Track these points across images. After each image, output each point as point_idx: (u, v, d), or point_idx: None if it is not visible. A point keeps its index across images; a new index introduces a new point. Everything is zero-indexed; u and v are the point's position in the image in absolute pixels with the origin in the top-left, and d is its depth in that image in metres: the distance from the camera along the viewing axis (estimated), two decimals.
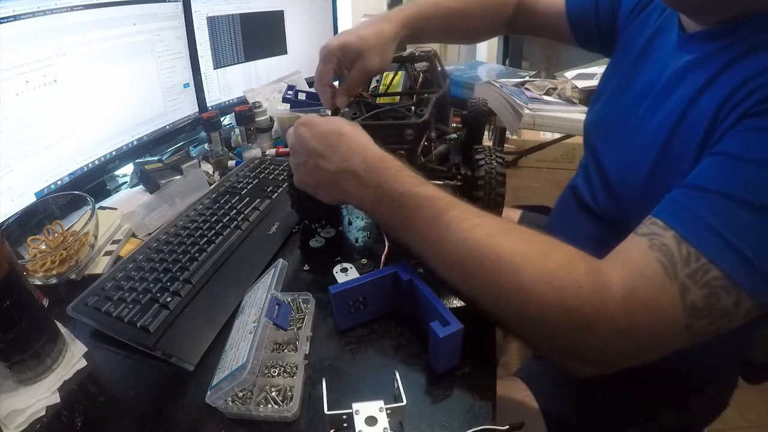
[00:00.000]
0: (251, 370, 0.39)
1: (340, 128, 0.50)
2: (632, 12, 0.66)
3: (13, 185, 0.66)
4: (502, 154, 0.61)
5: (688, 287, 0.36)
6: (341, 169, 0.48)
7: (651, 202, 0.42)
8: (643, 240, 0.39)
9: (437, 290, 0.47)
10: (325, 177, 0.49)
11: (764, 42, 0.42)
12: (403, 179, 0.45)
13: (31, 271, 0.58)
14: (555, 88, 1.33)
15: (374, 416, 0.38)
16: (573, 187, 0.72)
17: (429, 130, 0.62)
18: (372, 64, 0.63)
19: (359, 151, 0.48)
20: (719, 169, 0.39)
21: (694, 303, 0.36)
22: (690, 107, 0.46)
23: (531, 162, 2.72)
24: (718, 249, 0.36)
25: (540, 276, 0.38)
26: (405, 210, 0.45)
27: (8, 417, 0.43)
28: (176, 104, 0.95)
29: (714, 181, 0.38)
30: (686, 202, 0.39)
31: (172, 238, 0.64)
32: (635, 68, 0.60)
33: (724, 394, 0.67)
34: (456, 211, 0.43)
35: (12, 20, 0.63)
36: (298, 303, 0.52)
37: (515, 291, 0.39)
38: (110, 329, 0.50)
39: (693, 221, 0.37)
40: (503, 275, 0.39)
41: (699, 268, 0.36)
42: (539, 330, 0.40)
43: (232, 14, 1.05)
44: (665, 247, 0.37)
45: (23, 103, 0.66)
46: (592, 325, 0.37)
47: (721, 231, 0.36)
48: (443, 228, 0.42)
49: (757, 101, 0.38)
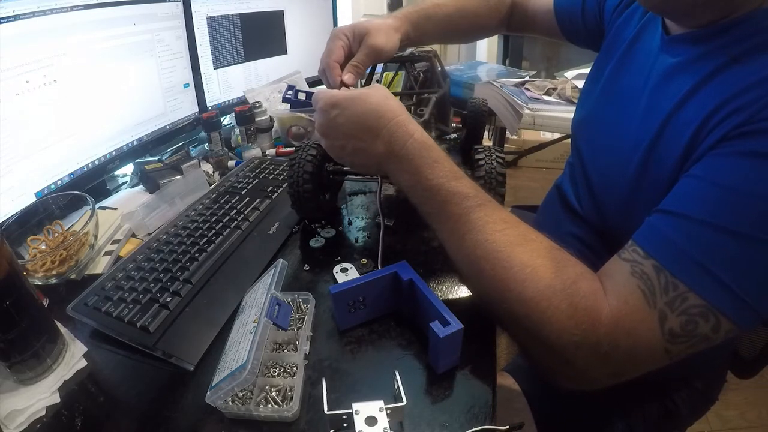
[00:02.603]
0: (251, 370, 0.39)
1: (377, 109, 0.48)
2: (615, 10, 0.66)
3: (13, 185, 0.66)
4: (502, 154, 0.61)
5: (666, 315, 0.37)
6: (382, 153, 0.48)
7: (632, 215, 0.43)
8: (626, 266, 0.40)
9: (437, 290, 0.47)
10: (365, 159, 0.50)
11: (746, 52, 0.41)
12: (438, 171, 0.46)
13: (31, 271, 0.58)
14: (555, 88, 1.33)
15: (374, 416, 0.38)
16: (558, 187, 0.72)
17: (429, 130, 0.62)
18: (378, 42, 0.63)
19: (400, 136, 0.47)
20: (696, 195, 0.39)
21: (672, 330, 0.37)
22: (672, 118, 0.46)
23: (531, 162, 2.72)
24: (697, 277, 0.36)
25: (543, 292, 0.40)
26: (435, 201, 0.46)
27: (8, 417, 0.43)
28: (176, 104, 0.95)
29: (691, 206, 0.39)
30: (664, 228, 0.39)
31: (172, 238, 0.64)
32: (619, 69, 0.60)
33: (711, 389, 0.68)
34: (483, 212, 0.44)
35: (12, 20, 0.63)
36: (298, 303, 0.52)
37: (518, 300, 0.41)
38: (110, 329, 0.50)
39: (670, 249, 0.38)
40: (510, 283, 0.41)
41: (677, 297, 0.37)
42: (531, 339, 0.42)
43: (232, 14, 1.05)
44: (645, 275, 0.38)
45: (23, 103, 0.66)
46: (579, 346, 0.39)
47: (698, 258, 0.37)
48: (467, 227, 0.44)
49: (738, 123, 0.38)
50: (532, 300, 0.40)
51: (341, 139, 0.50)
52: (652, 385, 0.63)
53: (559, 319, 0.39)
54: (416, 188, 0.47)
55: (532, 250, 0.42)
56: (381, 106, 0.49)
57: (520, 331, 0.43)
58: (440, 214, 0.46)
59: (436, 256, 0.63)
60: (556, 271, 0.41)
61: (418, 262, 0.61)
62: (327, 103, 0.50)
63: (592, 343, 0.38)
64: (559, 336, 0.39)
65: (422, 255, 0.63)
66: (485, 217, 0.44)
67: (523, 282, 0.40)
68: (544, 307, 0.39)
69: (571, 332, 0.39)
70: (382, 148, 0.48)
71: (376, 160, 0.49)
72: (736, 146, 0.38)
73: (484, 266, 0.42)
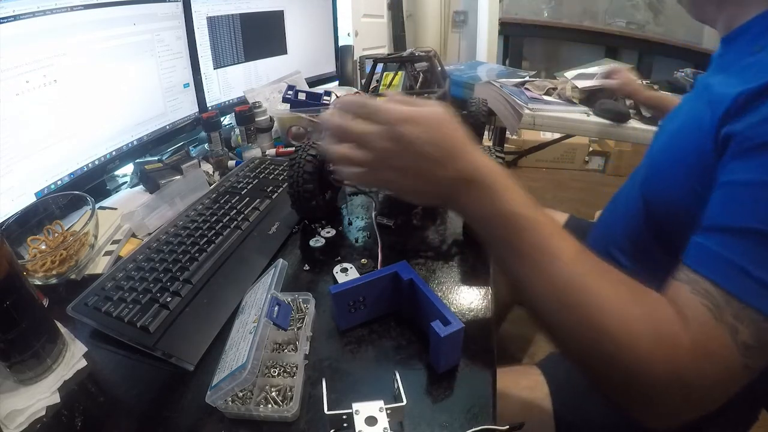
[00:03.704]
0: (251, 370, 0.39)
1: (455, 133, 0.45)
2: None
3: (13, 185, 0.66)
4: (502, 154, 0.61)
5: (737, 328, 0.37)
6: (453, 178, 0.44)
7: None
8: (685, 287, 0.40)
9: (437, 290, 0.47)
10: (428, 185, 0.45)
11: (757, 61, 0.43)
12: (515, 197, 0.43)
13: (31, 271, 0.58)
14: (555, 88, 1.33)
15: (374, 416, 0.38)
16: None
17: None
18: None
19: (474, 162, 0.44)
20: (730, 201, 0.40)
21: (745, 342, 0.37)
22: (701, 118, 0.47)
23: (531, 162, 2.72)
24: (749, 289, 0.37)
25: (628, 320, 0.39)
26: (509, 229, 0.43)
27: (8, 417, 0.43)
28: (176, 104, 0.95)
29: (728, 215, 0.39)
30: (709, 245, 0.40)
31: (172, 238, 0.64)
32: None
33: (739, 425, 0.65)
34: (559, 240, 0.42)
35: (12, 20, 0.63)
36: (298, 303, 0.52)
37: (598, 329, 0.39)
38: (110, 329, 0.50)
39: (719, 265, 0.38)
40: (595, 313, 0.40)
41: (739, 309, 0.37)
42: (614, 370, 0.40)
43: (232, 14, 1.05)
44: (706, 292, 0.38)
45: (23, 103, 0.66)
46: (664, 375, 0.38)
47: (747, 268, 0.37)
48: (547, 256, 0.42)
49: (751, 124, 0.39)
50: (612, 328, 0.39)
51: (407, 159, 0.44)
52: None
53: (645, 347, 0.38)
54: (488, 215, 0.44)
55: (609, 279, 0.41)
56: (458, 131, 0.45)
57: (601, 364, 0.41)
58: (516, 243, 0.42)
59: (436, 256, 0.63)
60: (637, 300, 0.40)
61: (418, 262, 0.61)
62: (400, 118, 0.43)
63: (678, 369, 0.37)
64: (646, 364, 0.38)
65: (422, 255, 0.63)
66: (563, 246, 0.42)
67: (602, 310, 0.39)
68: (630, 336, 0.38)
69: (657, 360, 0.38)
70: (453, 173, 0.44)
71: (443, 186, 0.44)
72: (755, 143, 0.39)
73: (562, 297, 0.41)
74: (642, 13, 2.62)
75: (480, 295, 0.55)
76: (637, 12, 2.63)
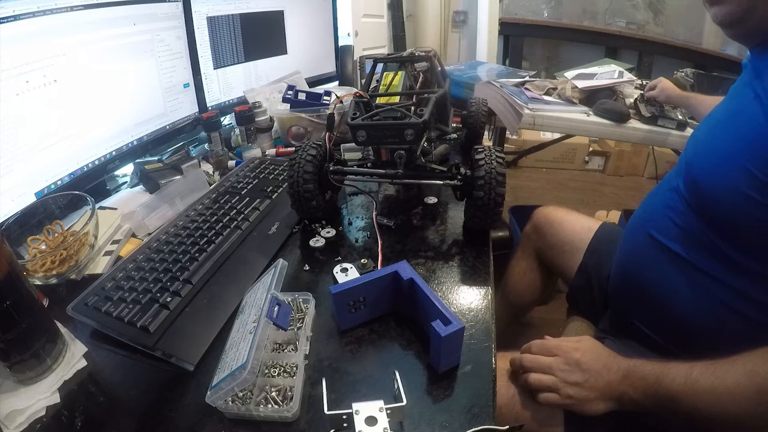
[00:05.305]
0: (251, 370, 0.39)
1: (603, 350, 0.60)
2: None
3: (13, 185, 0.66)
4: (502, 154, 0.61)
5: None
6: (615, 379, 0.56)
7: None
8: None
9: (437, 290, 0.47)
10: (590, 391, 0.57)
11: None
12: (673, 370, 0.52)
13: (31, 271, 0.58)
14: (555, 88, 1.33)
15: (374, 416, 0.38)
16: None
17: (429, 130, 0.62)
18: None
19: (621, 363, 0.57)
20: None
21: None
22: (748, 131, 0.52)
23: (531, 162, 2.72)
24: None
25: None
26: (686, 395, 0.51)
27: (8, 417, 0.43)
28: (176, 104, 0.95)
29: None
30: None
31: (172, 238, 0.64)
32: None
33: None
34: (704, 367, 0.51)
35: (12, 20, 0.63)
36: (298, 303, 0.52)
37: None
38: (110, 329, 0.50)
39: None
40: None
41: None
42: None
43: (232, 14, 1.05)
44: None
45: (23, 103, 0.66)
46: None
47: None
48: (710, 381, 0.50)
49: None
50: None
51: (577, 373, 0.57)
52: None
53: None
54: (656, 395, 0.53)
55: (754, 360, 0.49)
56: (604, 348, 0.60)
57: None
58: (694, 401, 0.50)
59: (436, 256, 0.63)
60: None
61: (418, 262, 0.61)
62: (569, 348, 0.60)
63: None
64: None
65: (422, 255, 0.63)
66: (709, 368, 0.50)
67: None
68: None
69: None
70: (614, 376, 0.56)
71: (604, 386, 0.56)
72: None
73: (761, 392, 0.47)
74: (642, 13, 2.62)
75: (480, 295, 0.55)
76: (637, 12, 2.63)
